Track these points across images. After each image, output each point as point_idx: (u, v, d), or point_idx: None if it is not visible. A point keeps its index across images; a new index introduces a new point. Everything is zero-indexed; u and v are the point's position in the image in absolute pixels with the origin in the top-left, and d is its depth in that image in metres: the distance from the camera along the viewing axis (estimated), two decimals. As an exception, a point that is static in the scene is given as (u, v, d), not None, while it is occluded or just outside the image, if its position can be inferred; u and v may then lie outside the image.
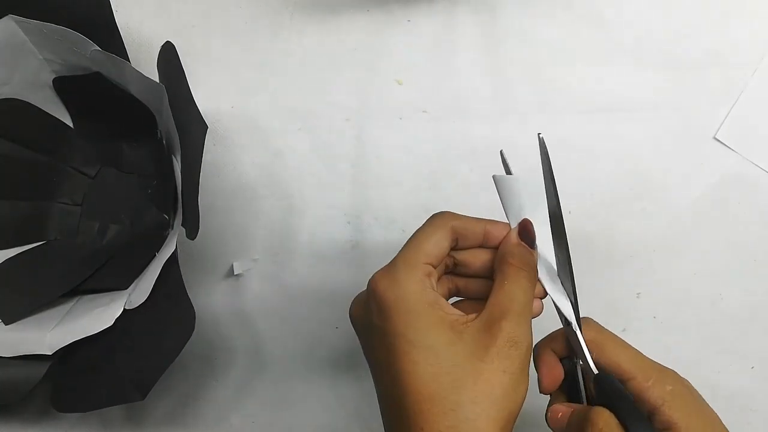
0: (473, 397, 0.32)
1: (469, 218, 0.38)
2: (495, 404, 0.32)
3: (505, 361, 0.32)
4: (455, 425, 0.31)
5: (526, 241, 0.37)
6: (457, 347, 0.33)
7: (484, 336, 0.33)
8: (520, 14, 0.55)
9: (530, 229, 0.37)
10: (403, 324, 0.33)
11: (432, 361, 0.32)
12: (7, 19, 0.45)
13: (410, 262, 0.35)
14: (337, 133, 0.54)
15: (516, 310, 0.34)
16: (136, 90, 0.47)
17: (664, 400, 0.35)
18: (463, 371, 0.32)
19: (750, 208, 0.52)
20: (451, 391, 0.32)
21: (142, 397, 0.41)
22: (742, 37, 0.54)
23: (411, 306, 0.33)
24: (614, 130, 0.53)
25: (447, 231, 0.37)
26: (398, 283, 0.34)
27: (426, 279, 0.35)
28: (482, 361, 0.32)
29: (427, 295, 0.34)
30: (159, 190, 0.53)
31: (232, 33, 0.55)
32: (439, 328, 0.33)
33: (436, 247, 0.36)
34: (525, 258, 0.36)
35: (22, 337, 0.46)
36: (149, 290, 0.43)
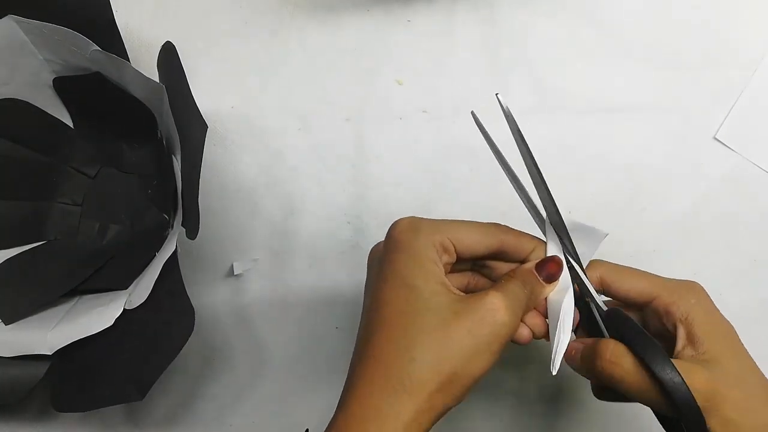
0: (429, 344, 0.32)
1: (524, 235, 0.38)
2: (445, 359, 0.32)
3: (475, 324, 0.33)
4: (398, 361, 0.32)
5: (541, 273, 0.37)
6: (439, 298, 0.33)
7: (468, 299, 0.34)
8: (519, 14, 0.55)
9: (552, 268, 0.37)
10: (403, 262, 0.34)
11: (412, 299, 0.33)
12: (8, 19, 0.45)
13: (436, 227, 0.36)
14: (337, 133, 0.54)
15: (509, 295, 0.34)
16: (136, 90, 0.47)
17: (688, 313, 0.36)
18: (432, 318, 0.33)
19: (750, 208, 0.52)
20: (413, 331, 0.33)
21: (141, 396, 0.41)
22: (742, 37, 0.54)
23: (416, 253, 0.34)
24: (614, 130, 0.53)
25: (494, 239, 0.37)
26: (415, 234, 0.35)
27: (439, 248, 0.35)
28: (455, 315, 0.33)
29: (433, 256, 0.35)
30: (159, 190, 0.53)
31: (232, 33, 0.55)
32: (432, 278, 0.34)
33: (470, 238, 0.36)
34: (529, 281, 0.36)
35: (22, 337, 0.46)
36: (149, 290, 0.43)
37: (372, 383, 0.32)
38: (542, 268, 0.37)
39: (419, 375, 0.32)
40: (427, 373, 0.32)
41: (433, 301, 0.33)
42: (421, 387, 0.32)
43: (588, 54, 0.54)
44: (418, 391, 0.32)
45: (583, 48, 0.54)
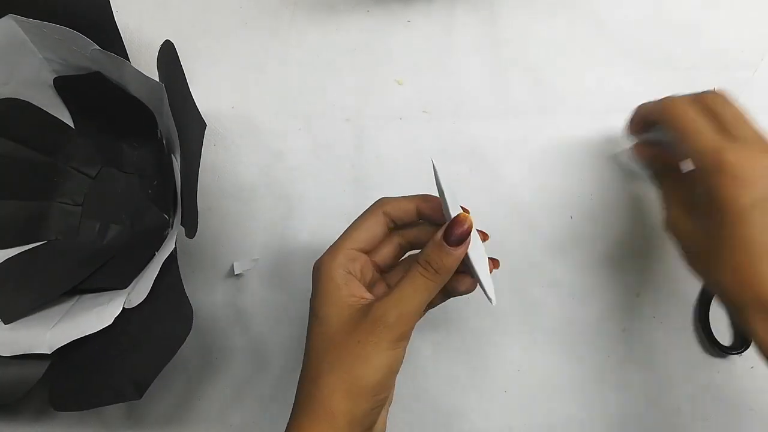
0: (330, 360, 0.37)
1: (400, 199, 0.42)
2: (342, 369, 0.37)
3: (362, 334, 0.37)
4: (315, 378, 0.38)
5: (452, 239, 0.38)
6: (341, 319, 0.38)
7: (360, 315, 0.38)
8: (519, 14, 0.55)
9: (459, 228, 0.38)
10: (315, 298, 0.40)
11: (320, 329, 0.39)
12: (8, 19, 0.45)
13: (333, 248, 0.40)
14: (337, 133, 0.54)
15: (392, 297, 0.38)
16: (136, 89, 0.47)
17: None
18: (334, 340, 0.38)
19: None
20: (321, 354, 0.38)
21: (140, 396, 0.41)
22: (742, 37, 0.54)
23: (323, 285, 0.39)
24: (614, 130, 0.53)
25: (379, 216, 0.41)
26: (320, 265, 0.40)
27: (346, 263, 0.40)
28: (349, 331, 0.38)
29: (337, 276, 0.39)
30: (159, 189, 0.53)
31: (232, 33, 0.55)
32: (335, 305, 0.39)
33: (365, 232, 0.41)
34: (434, 260, 0.38)
35: (22, 336, 0.46)
36: (148, 289, 0.43)
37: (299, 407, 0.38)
38: (449, 234, 0.38)
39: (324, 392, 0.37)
40: (329, 389, 0.37)
41: (335, 324, 0.38)
42: (329, 400, 0.37)
43: (588, 54, 0.54)
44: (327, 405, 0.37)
45: (583, 48, 0.54)
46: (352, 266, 0.40)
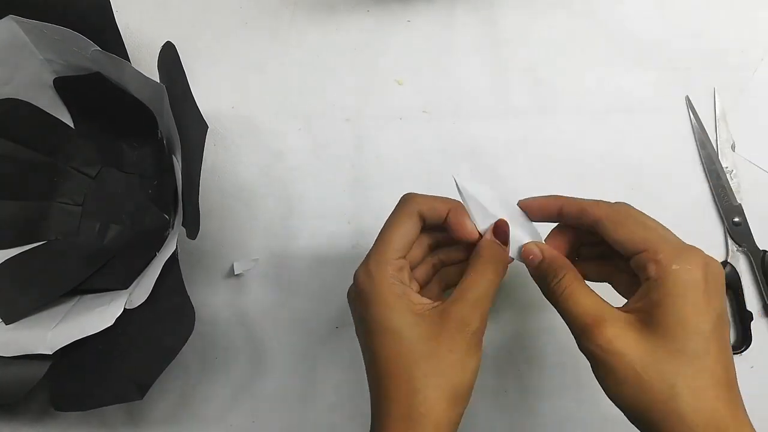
0: (425, 372, 0.36)
1: (432, 199, 0.41)
2: (442, 378, 0.36)
3: (451, 342, 0.37)
4: (410, 393, 0.36)
5: (499, 239, 0.40)
6: (418, 329, 0.37)
7: (439, 319, 0.37)
8: (519, 14, 0.55)
9: (505, 229, 0.40)
10: (375, 311, 0.38)
11: (396, 342, 0.37)
12: (8, 20, 0.45)
13: (381, 260, 0.39)
14: (337, 133, 0.54)
15: (470, 297, 0.37)
16: (136, 90, 0.47)
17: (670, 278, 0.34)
18: (419, 350, 0.37)
19: (750, 207, 0.52)
20: (408, 367, 0.36)
21: (141, 396, 0.41)
22: (742, 37, 0.54)
23: (382, 297, 0.38)
24: (614, 130, 0.53)
25: (414, 218, 0.40)
26: (372, 278, 0.38)
27: (396, 273, 0.39)
28: (434, 341, 0.37)
29: (396, 288, 0.38)
30: (159, 190, 0.53)
31: (232, 33, 0.55)
32: (404, 314, 0.37)
33: (404, 238, 0.40)
34: (494, 252, 0.39)
35: (23, 337, 0.46)
36: (149, 290, 0.43)
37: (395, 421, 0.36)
38: (498, 234, 0.40)
39: (428, 403, 0.36)
40: (433, 399, 0.36)
41: (413, 335, 0.37)
42: (433, 411, 0.36)
43: (588, 54, 0.54)
44: (432, 415, 0.36)
45: (583, 48, 0.54)
46: (401, 275, 0.39)
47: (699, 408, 0.32)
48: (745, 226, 0.52)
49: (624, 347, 0.34)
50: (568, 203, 0.40)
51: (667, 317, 0.33)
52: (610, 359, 0.34)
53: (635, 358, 0.33)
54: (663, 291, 0.34)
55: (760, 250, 0.51)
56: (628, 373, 0.34)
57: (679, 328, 0.33)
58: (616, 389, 0.34)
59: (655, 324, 0.34)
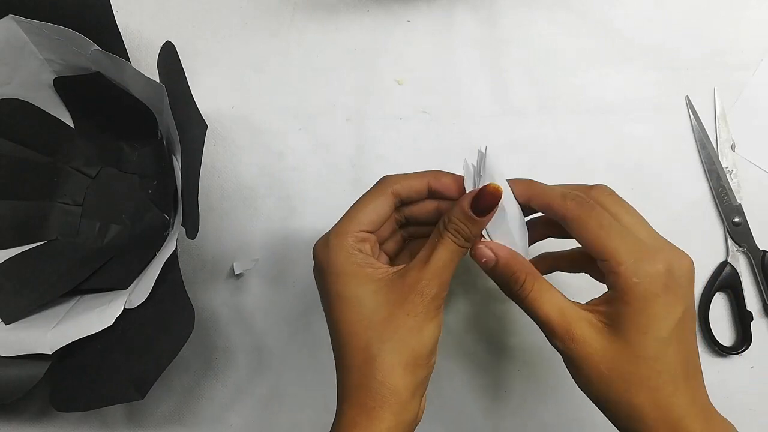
0: (382, 336, 0.36)
1: (409, 176, 0.40)
2: (399, 342, 0.36)
3: (409, 306, 0.37)
4: (367, 360, 0.36)
5: (478, 208, 0.37)
6: (378, 296, 0.37)
7: (399, 284, 0.37)
8: (519, 14, 0.55)
9: (487, 198, 0.37)
10: (333, 282, 0.38)
11: (356, 309, 0.37)
12: (8, 19, 0.45)
13: (341, 231, 0.39)
14: (337, 133, 0.54)
15: (431, 264, 0.37)
16: (136, 90, 0.47)
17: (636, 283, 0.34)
18: (378, 315, 0.37)
19: (750, 207, 0.52)
20: (365, 334, 0.37)
21: (141, 396, 0.41)
22: (742, 36, 0.54)
23: (339, 266, 0.38)
24: (614, 130, 0.53)
25: (387, 196, 0.40)
26: (330, 249, 0.38)
27: (358, 245, 0.38)
28: (392, 305, 0.37)
29: (356, 258, 0.38)
30: (159, 190, 0.53)
31: (232, 33, 0.55)
32: (365, 282, 0.37)
33: (372, 213, 0.39)
34: (460, 227, 0.37)
35: (23, 337, 0.46)
36: (149, 290, 0.43)
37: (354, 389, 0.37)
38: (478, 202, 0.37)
39: (385, 369, 0.36)
40: (389, 365, 0.36)
41: (371, 302, 0.37)
42: (390, 377, 0.36)
43: (588, 54, 0.54)
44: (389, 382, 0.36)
45: (583, 48, 0.54)
46: (363, 246, 0.39)
47: (656, 404, 0.34)
48: (745, 226, 0.52)
49: (590, 349, 0.35)
50: (535, 196, 0.39)
51: (626, 326, 0.34)
52: (578, 359, 0.36)
53: (600, 359, 0.35)
54: (623, 303, 0.34)
55: (760, 250, 0.51)
56: (594, 371, 0.35)
57: (639, 336, 0.34)
58: (585, 385, 0.36)
59: (616, 329, 0.35)
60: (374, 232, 0.40)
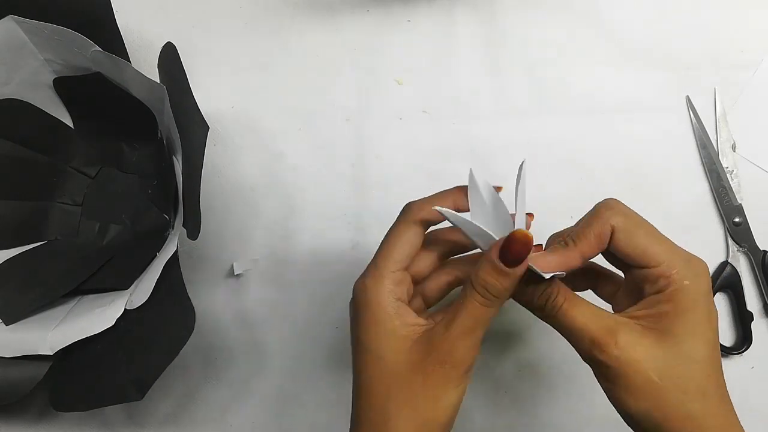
0: (398, 401, 0.35)
1: (432, 199, 0.38)
2: (414, 410, 0.35)
3: (429, 374, 0.35)
4: (383, 421, 0.35)
5: (509, 258, 0.33)
6: (400, 357, 0.36)
7: (422, 349, 0.35)
8: (519, 15, 0.55)
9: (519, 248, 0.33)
10: (363, 330, 0.37)
11: (378, 366, 0.36)
12: (8, 20, 0.45)
13: (378, 273, 0.37)
14: (337, 133, 0.54)
15: (456, 327, 0.35)
16: (136, 90, 0.47)
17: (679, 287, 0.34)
18: (397, 379, 0.35)
19: (750, 207, 0.52)
20: (384, 393, 0.36)
21: (141, 396, 0.41)
22: (742, 36, 0.54)
23: (372, 315, 0.36)
24: (614, 130, 0.53)
25: (416, 227, 0.38)
26: (367, 292, 0.37)
27: (394, 288, 0.37)
28: (413, 370, 0.35)
29: (389, 307, 0.36)
30: (159, 190, 0.53)
31: (232, 33, 0.55)
32: (390, 338, 0.36)
33: (404, 248, 0.37)
34: (489, 282, 0.34)
35: (23, 338, 0.46)
36: (150, 290, 0.43)
37: None
38: (507, 253, 0.34)
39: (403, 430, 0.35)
40: (403, 428, 0.35)
41: (393, 361, 0.36)
42: None
43: (588, 54, 0.54)
44: None
45: (583, 48, 0.54)
46: (400, 290, 0.37)
47: (709, 412, 0.33)
48: (745, 226, 0.52)
49: (638, 355, 0.33)
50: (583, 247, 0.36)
51: (678, 327, 0.34)
52: (624, 368, 0.33)
53: (650, 365, 0.33)
54: (674, 304, 0.34)
55: (761, 250, 0.51)
56: (643, 380, 0.33)
57: (689, 337, 0.33)
58: (630, 398, 0.34)
59: (664, 332, 0.34)
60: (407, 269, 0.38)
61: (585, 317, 0.35)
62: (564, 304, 0.35)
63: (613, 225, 0.35)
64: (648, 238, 0.35)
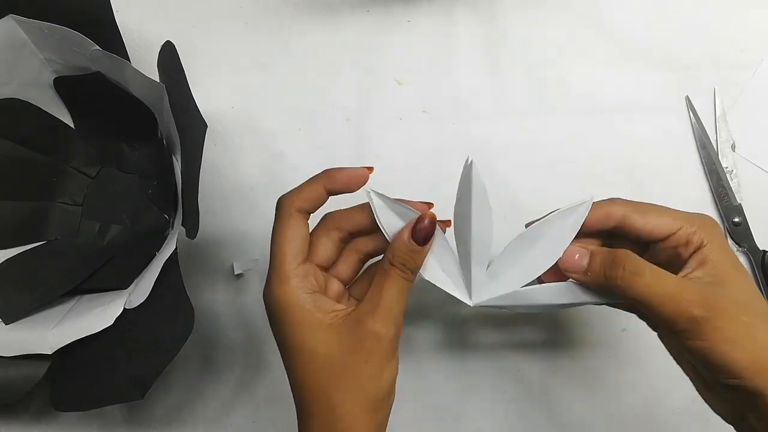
0: (339, 386, 0.36)
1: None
2: (359, 391, 0.36)
3: (365, 352, 0.36)
4: (328, 409, 0.36)
5: (417, 238, 0.37)
6: (331, 345, 0.37)
7: (353, 330, 0.37)
8: (519, 15, 0.55)
9: (425, 226, 0.38)
10: (288, 333, 0.37)
11: (310, 360, 0.37)
12: (8, 19, 0.45)
13: (280, 275, 0.38)
14: (337, 133, 0.54)
15: (382, 307, 0.37)
16: (136, 90, 0.47)
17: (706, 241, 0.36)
18: (334, 365, 0.36)
19: (750, 207, 0.52)
20: (325, 383, 0.36)
21: (141, 396, 0.41)
22: (742, 37, 0.54)
23: (291, 317, 0.37)
24: (614, 130, 0.53)
25: (296, 218, 0.39)
26: (277, 298, 0.37)
27: (301, 283, 0.38)
28: (349, 353, 0.36)
29: (303, 301, 0.37)
30: (159, 190, 0.53)
31: (232, 33, 0.55)
32: (316, 331, 0.37)
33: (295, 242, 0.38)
34: (408, 261, 0.37)
35: (23, 337, 0.46)
36: (149, 290, 0.43)
37: None
38: (417, 232, 0.37)
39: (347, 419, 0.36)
40: (351, 414, 0.36)
41: (324, 351, 0.37)
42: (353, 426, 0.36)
43: (588, 54, 0.54)
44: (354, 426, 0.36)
45: (583, 48, 0.54)
46: (309, 283, 0.38)
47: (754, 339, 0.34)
48: (745, 226, 0.52)
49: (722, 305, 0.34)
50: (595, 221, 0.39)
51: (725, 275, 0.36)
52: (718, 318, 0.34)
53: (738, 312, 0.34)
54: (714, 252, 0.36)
55: (760, 250, 0.51)
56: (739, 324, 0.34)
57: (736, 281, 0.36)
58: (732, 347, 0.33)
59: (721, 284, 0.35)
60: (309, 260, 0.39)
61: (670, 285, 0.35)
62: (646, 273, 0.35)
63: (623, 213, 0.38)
64: (658, 210, 0.38)
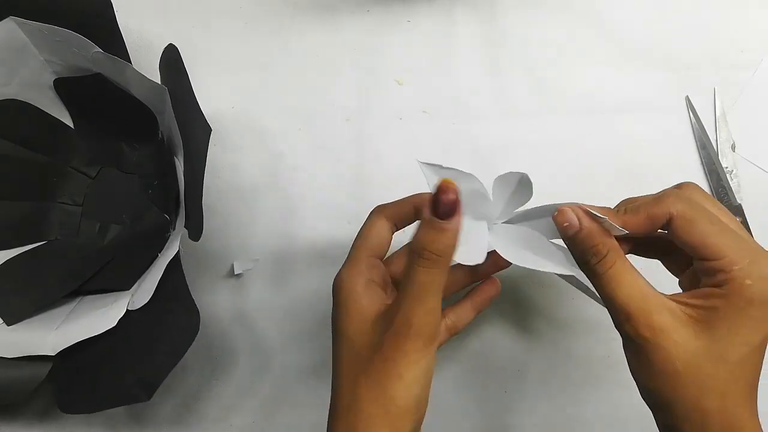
0: (365, 384, 0.35)
1: (395, 203, 0.41)
2: (379, 391, 0.34)
3: (388, 350, 0.34)
4: (351, 403, 0.35)
5: (441, 211, 0.33)
6: (365, 337, 0.36)
7: (381, 324, 0.36)
8: (519, 15, 0.55)
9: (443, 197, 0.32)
10: (338, 315, 0.38)
11: (348, 349, 0.37)
12: (9, 21, 0.45)
13: (352, 260, 0.39)
14: (337, 133, 0.54)
15: (407, 304, 0.34)
16: (137, 91, 0.47)
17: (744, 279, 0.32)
18: (362, 360, 0.36)
19: (750, 207, 0.52)
20: (354, 377, 0.36)
21: (149, 397, 0.41)
22: (742, 37, 0.54)
23: (344, 298, 0.38)
24: (614, 130, 0.53)
25: (383, 221, 0.40)
26: (343, 280, 0.38)
27: (366, 271, 0.38)
28: (374, 350, 0.35)
29: (360, 286, 0.37)
30: (159, 190, 0.53)
31: (233, 33, 0.55)
32: (357, 318, 0.37)
33: (376, 238, 0.40)
34: (429, 244, 0.33)
35: (25, 338, 0.46)
36: (152, 291, 0.43)
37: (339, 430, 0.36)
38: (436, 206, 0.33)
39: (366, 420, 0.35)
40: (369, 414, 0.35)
41: (360, 344, 0.36)
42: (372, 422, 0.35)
43: (588, 54, 0.54)
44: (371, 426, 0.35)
45: (583, 48, 0.54)
46: (373, 273, 0.38)
47: (724, 412, 0.32)
48: (745, 226, 0.52)
49: (669, 342, 0.32)
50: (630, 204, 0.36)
51: (721, 325, 0.32)
52: (650, 350, 0.33)
53: (677, 354, 0.32)
54: (727, 301, 0.32)
55: (760, 250, 0.51)
56: (666, 366, 0.32)
57: (731, 337, 0.32)
58: (649, 378, 0.33)
59: (706, 326, 0.33)
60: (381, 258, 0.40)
61: (630, 288, 0.34)
62: (612, 268, 0.34)
63: (672, 212, 0.34)
64: (710, 228, 0.33)
